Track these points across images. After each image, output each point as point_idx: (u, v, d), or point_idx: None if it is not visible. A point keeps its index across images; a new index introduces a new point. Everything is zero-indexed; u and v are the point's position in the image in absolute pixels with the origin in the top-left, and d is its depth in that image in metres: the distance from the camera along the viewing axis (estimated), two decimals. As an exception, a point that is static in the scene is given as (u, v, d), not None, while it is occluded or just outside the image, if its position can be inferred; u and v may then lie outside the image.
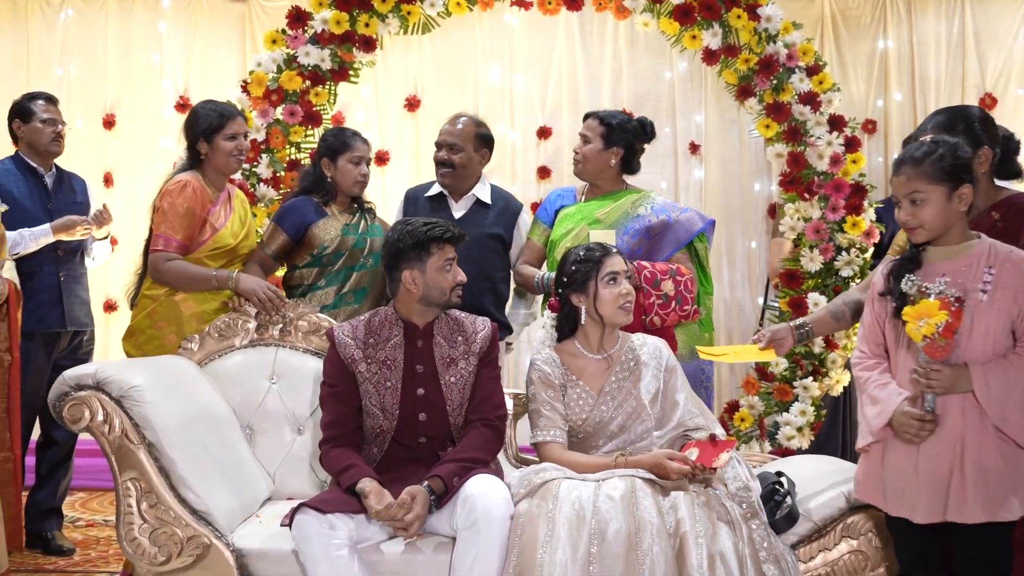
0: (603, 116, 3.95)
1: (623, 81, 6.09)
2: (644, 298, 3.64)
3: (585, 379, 3.19)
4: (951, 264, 2.68)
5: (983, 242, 2.70)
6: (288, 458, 3.45)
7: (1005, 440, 2.61)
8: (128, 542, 2.97)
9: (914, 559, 2.79)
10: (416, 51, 6.09)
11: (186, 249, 3.65)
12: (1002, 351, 2.63)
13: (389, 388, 3.10)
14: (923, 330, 2.55)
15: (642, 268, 3.68)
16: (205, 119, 3.72)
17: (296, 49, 4.61)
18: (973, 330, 2.62)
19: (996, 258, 2.65)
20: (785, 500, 2.96)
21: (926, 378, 2.62)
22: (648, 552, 2.68)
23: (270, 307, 3.58)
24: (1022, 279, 2.62)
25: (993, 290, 2.62)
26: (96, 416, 2.99)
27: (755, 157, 5.99)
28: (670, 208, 3.92)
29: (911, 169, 2.66)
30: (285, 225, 3.85)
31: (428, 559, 2.92)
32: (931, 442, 2.63)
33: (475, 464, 3.00)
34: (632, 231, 3.83)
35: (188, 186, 3.66)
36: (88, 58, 6.11)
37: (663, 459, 2.92)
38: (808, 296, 4.53)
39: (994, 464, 2.60)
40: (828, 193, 4.56)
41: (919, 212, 2.66)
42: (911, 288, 2.62)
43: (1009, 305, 2.61)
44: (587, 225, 3.83)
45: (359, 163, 3.90)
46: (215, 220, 3.71)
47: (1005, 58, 6.04)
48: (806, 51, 4.62)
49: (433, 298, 3.13)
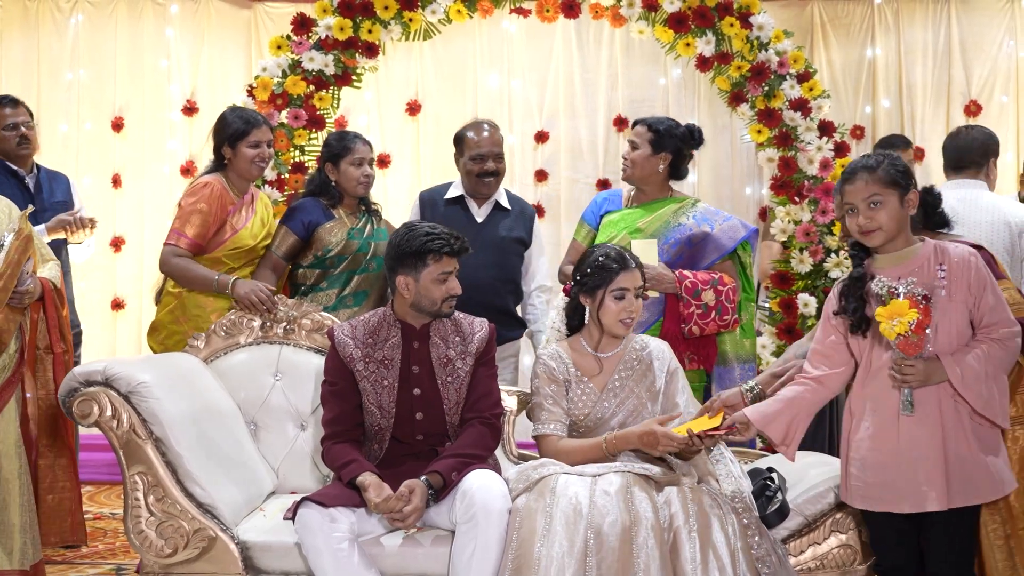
0: (651, 122, 3.90)
1: (619, 87, 6.17)
2: (684, 308, 3.69)
3: (589, 375, 3.23)
4: (901, 268, 2.79)
5: (927, 244, 2.83)
6: (291, 453, 3.49)
7: (980, 424, 2.74)
8: (135, 535, 3.00)
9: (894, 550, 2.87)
10: (417, 57, 6.14)
11: (198, 247, 3.73)
12: (965, 340, 2.76)
13: (386, 387, 3.13)
14: (897, 328, 2.64)
15: (684, 278, 3.72)
16: (231, 125, 3.80)
17: (301, 55, 4.67)
18: (940, 325, 2.74)
19: (944, 256, 2.78)
20: (776, 495, 2.99)
21: (901, 374, 2.72)
22: (643, 546, 2.73)
23: (262, 309, 3.62)
24: (970, 273, 2.75)
25: (949, 285, 2.75)
26: (105, 412, 3.02)
27: (747, 161, 6.08)
28: (712, 216, 3.89)
29: (868, 175, 2.79)
30: (294, 225, 3.89)
31: (427, 552, 2.96)
32: (912, 434, 2.73)
33: (473, 460, 3.03)
34: (673, 240, 3.82)
35: (208, 187, 3.75)
36: (98, 62, 6.16)
37: (654, 425, 2.98)
38: (798, 297, 4.61)
39: (970, 450, 2.73)
40: (818, 197, 4.64)
41: (877, 215, 2.77)
42: (882, 289, 2.71)
43: (965, 297, 2.75)
44: (628, 234, 3.82)
45: (361, 165, 3.94)
46: (235, 221, 3.79)
47: (990, 66, 6.17)
48: (797, 59, 4.70)
49: (423, 306, 3.14)
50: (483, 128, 4.13)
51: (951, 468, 2.71)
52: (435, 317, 3.18)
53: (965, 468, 2.72)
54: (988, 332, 2.75)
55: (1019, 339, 2.78)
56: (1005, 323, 2.76)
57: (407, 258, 3.11)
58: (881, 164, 2.80)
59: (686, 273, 3.75)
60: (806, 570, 2.99)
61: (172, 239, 3.73)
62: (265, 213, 3.95)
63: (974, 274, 2.76)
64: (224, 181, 3.82)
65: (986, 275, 2.77)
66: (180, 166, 6.17)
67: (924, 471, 2.71)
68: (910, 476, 2.73)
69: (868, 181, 2.78)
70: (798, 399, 2.92)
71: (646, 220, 3.86)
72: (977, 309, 2.76)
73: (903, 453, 2.74)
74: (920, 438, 2.72)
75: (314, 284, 3.92)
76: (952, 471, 2.71)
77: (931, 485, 2.70)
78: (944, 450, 2.71)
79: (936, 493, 2.70)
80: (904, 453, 2.74)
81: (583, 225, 4.06)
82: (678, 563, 2.75)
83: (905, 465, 2.73)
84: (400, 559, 2.97)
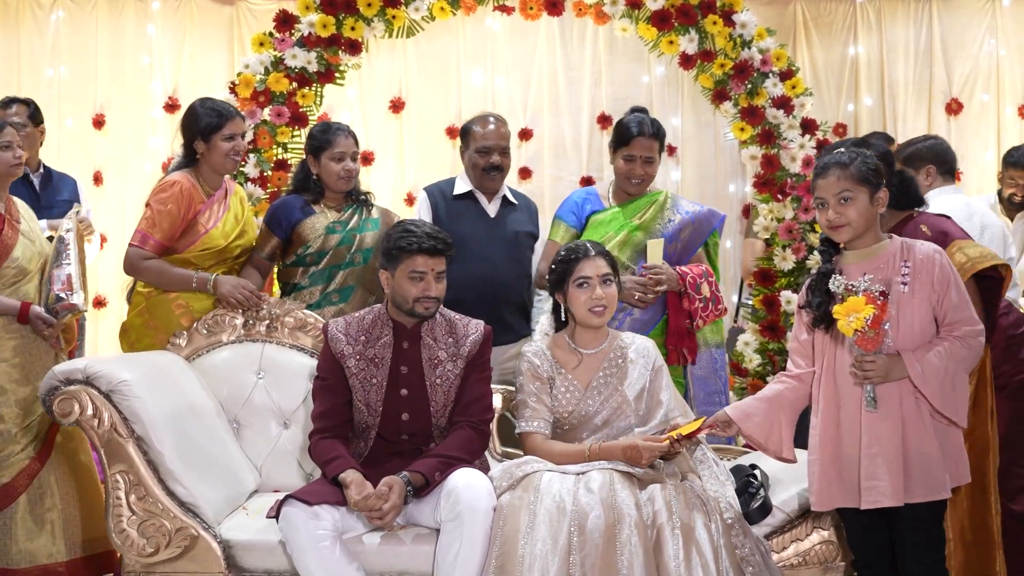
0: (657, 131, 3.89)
1: (602, 85, 6.15)
2: (689, 304, 3.74)
3: (573, 373, 3.24)
4: (868, 264, 2.82)
5: (895, 241, 2.86)
6: (274, 451, 3.50)
7: (939, 421, 2.76)
8: (117, 534, 3.00)
9: (865, 546, 2.90)
10: (401, 54, 6.12)
11: (164, 248, 3.61)
12: (928, 338, 2.78)
13: (374, 386, 3.13)
14: (853, 324, 2.67)
15: (684, 274, 3.76)
16: (204, 118, 3.66)
17: (283, 52, 4.65)
18: (900, 321, 2.77)
19: (909, 252, 2.81)
20: (759, 492, 3.02)
21: (861, 370, 2.75)
22: (626, 543, 2.74)
23: (247, 306, 3.60)
24: (934, 270, 2.78)
25: (912, 282, 2.77)
26: (86, 410, 3.02)
27: (730, 159, 6.09)
28: (689, 207, 3.97)
29: (840, 171, 2.82)
30: (273, 226, 3.83)
31: (411, 550, 2.97)
32: (876, 431, 2.75)
33: (457, 462, 3.03)
34: (667, 236, 3.86)
35: (176, 186, 3.61)
36: (79, 59, 6.10)
37: (637, 440, 2.99)
38: (781, 294, 4.63)
39: (930, 446, 2.75)
40: (800, 194, 4.65)
41: (847, 211, 2.80)
42: (839, 287, 2.75)
43: (928, 293, 2.77)
44: (629, 232, 3.84)
45: (342, 160, 3.82)
46: (205, 221, 3.67)
47: (971, 65, 6.21)
48: (779, 56, 4.72)
49: (399, 304, 3.14)
50: (489, 121, 4.10)
51: (911, 464, 2.73)
52: (413, 317, 3.16)
53: (925, 464, 2.74)
54: (951, 330, 2.78)
55: (982, 338, 2.81)
56: (968, 322, 2.78)
57: (387, 253, 3.13)
58: (854, 161, 2.82)
59: (685, 270, 3.79)
60: (789, 566, 3.02)
61: (137, 240, 3.61)
62: (240, 209, 3.84)
63: (938, 271, 2.78)
64: (194, 178, 3.69)
65: (950, 273, 2.80)
66: (162, 163, 6.09)
67: (881, 466, 2.73)
68: (869, 471, 2.75)
69: (840, 177, 2.81)
70: (778, 397, 2.95)
71: (640, 217, 3.88)
72: (940, 306, 2.78)
73: (863, 449, 2.76)
74: (881, 433, 2.75)
75: (297, 282, 3.86)
76: (912, 467, 2.73)
77: (887, 480, 2.72)
78: (904, 446, 2.74)
79: (892, 488, 2.71)
80: (864, 449, 2.76)
81: (560, 225, 3.97)
82: (661, 560, 2.76)
83: (866, 460, 2.75)
84: (383, 557, 2.98)
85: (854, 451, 2.78)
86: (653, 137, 3.86)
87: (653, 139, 3.86)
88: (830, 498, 2.84)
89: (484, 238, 4.02)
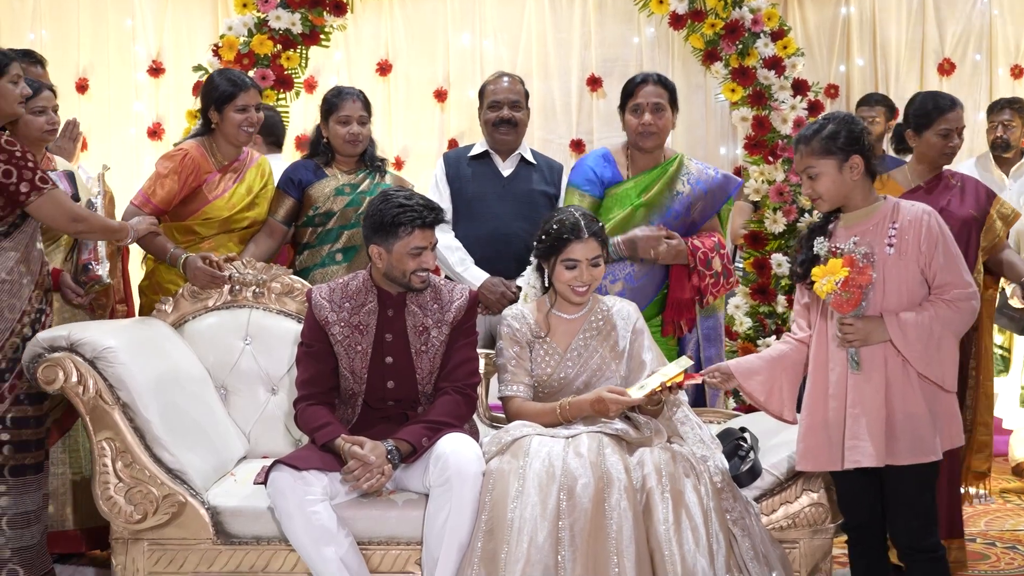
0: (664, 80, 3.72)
1: (592, 47, 6.12)
2: (700, 280, 3.63)
3: (554, 336, 3.23)
4: (859, 227, 2.81)
5: (888, 202, 2.84)
6: (263, 417, 3.49)
7: (928, 384, 2.75)
8: (104, 501, 2.99)
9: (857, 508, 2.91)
10: (387, 16, 6.08)
11: (161, 212, 3.64)
12: (918, 300, 2.76)
13: (359, 353, 3.11)
14: (825, 287, 2.68)
15: (696, 249, 3.63)
16: (218, 87, 3.65)
17: (267, 13, 4.61)
18: (887, 283, 2.75)
19: (898, 214, 2.79)
20: (748, 455, 3.02)
21: (843, 333, 2.74)
22: (615, 507, 2.74)
23: (213, 284, 3.55)
24: (921, 229, 2.75)
25: (898, 243, 2.75)
26: (70, 377, 3.00)
27: (721, 121, 6.06)
28: (704, 176, 3.73)
29: (803, 147, 2.81)
30: (286, 188, 3.89)
31: (400, 515, 2.97)
32: (860, 392, 2.75)
33: (443, 427, 3.02)
34: (674, 213, 3.69)
35: (183, 154, 3.64)
36: (60, 22, 6.05)
37: (603, 392, 2.99)
38: (772, 257, 4.62)
39: (918, 408, 2.74)
40: (791, 156, 4.63)
41: (815, 186, 2.80)
42: (822, 249, 2.75)
43: (916, 254, 2.75)
44: (633, 210, 3.67)
45: (347, 123, 3.86)
46: (209, 190, 3.69)
47: (964, 24, 6.16)
48: (771, 16, 4.68)
49: (394, 277, 3.09)
50: (502, 78, 4.12)
51: (896, 425, 2.72)
52: (406, 289, 3.13)
53: (912, 425, 2.72)
54: (940, 293, 2.75)
55: (975, 301, 2.77)
56: (958, 284, 2.75)
57: (380, 228, 3.06)
58: (818, 133, 2.80)
59: (697, 244, 3.65)
60: (778, 528, 3.02)
61: (138, 201, 3.65)
62: (257, 182, 3.83)
63: (925, 232, 2.75)
64: (207, 148, 3.71)
65: (938, 234, 2.76)
66: (147, 128, 6.09)
67: (864, 427, 2.73)
68: (852, 431, 2.74)
69: (803, 153, 2.82)
70: (781, 357, 2.95)
71: (649, 194, 3.69)
72: (928, 267, 2.76)
73: (847, 410, 2.76)
74: (865, 394, 2.74)
75: (307, 242, 3.92)
76: (898, 429, 2.72)
77: (868, 440, 2.72)
78: (888, 408, 2.73)
79: (875, 450, 2.71)
80: (848, 410, 2.76)
81: (575, 191, 3.75)
82: (651, 524, 2.77)
83: (850, 421, 2.75)
84: (373, 522, 2.99)
85: (840, 413, 2.78)
86: (659, 84, 3.68)
87: (659, 86, 3.67)
88: (815, 459, 2.84)
89: (493, 197, 4.04)
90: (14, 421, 3.16)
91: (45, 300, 3.31)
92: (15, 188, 3.10)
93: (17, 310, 3.18)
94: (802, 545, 3.03)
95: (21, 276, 3.19)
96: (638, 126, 3.66)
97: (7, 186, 3.09)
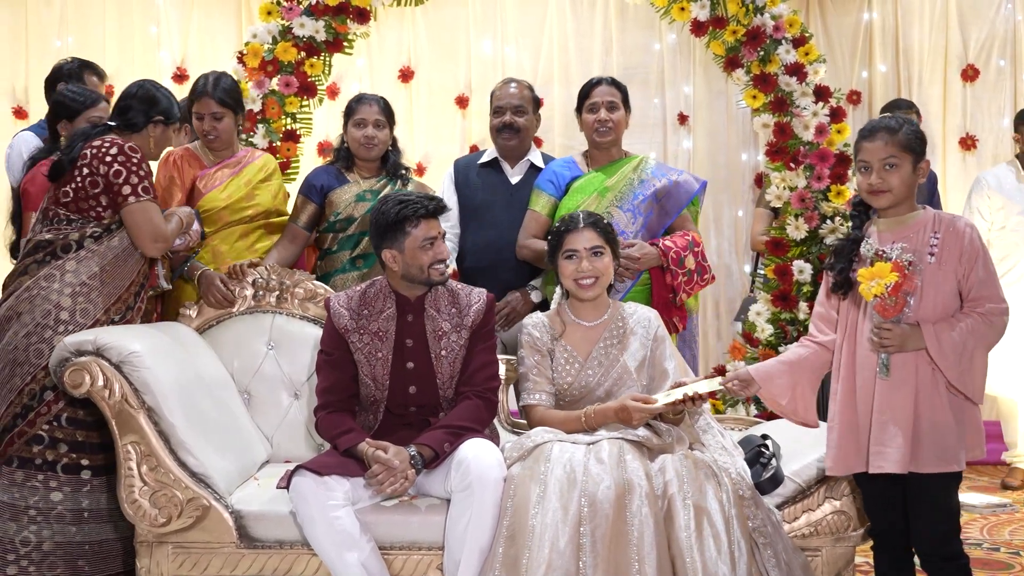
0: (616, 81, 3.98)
1: (613, 53, 6.12)
2: (672, 279, 3.70)
3: (574, 344, 3.23)
4: (898, 233, 2.80)
5: (927, 212, 2.84)
6: (285, 422, 3.51)
7: (955, 395, 2.74)
8: (129, 504, 3.00)
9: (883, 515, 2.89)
10: (410, 23, 6.11)
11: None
12: (951, 311, 2.76)
13: (380, 360, 3.12)
14: (874, 289, 2.67)
15: (668, 249, 3.72)
16: (192, 91, 3.86)
17: (291, 21, 4.61)
18: (925, 292, 2.74)
19: (940, 225, 2.79)
20: (770, 462, 3.01)
21: (879, 337, 2.74)
22: (637, 514, 2.74)
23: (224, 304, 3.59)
24: (963, 243, 2.76)
25: (940, 253, 2.75)
26: (96, 381, 3.01)
27: (742, 127, 6.05)
28: (667, 170, 3.96)
29: (888, 136, 2.79)
30: (308, 193, 3.93)
31: (422, 520, 2.97)
32: (888, 398, 2.74)
33: (464, 432, 3.02)
34: (642, 197, 3.84)
35: (170, 154, 3.81)
36: (86, 30, 6.09)
37: (627, 400, 3.00)
38: (793, 264, 4.60)
39: (945, 417, 2.73)
40: (813, 163, 4.60)
41: (890, 177, 2.78)
42: (869, 251, 2.75)
43: (955, 267, 2.75)
44: (599, 194, 3.83)
45: (363, 126, 3.90)
46: (203, 185, 3.79)
47: (988, 30, 6.09)
48: (792, 23, 4.65)
49: (413, 276, 3.10)
50: (509, 84, 4.16)
51: (922, 433, 2.72)
52: (427, 285, 3.14)
53: (938, 434, 2.72)
54: (974, 306, 2.75)
55: (1006, 317, 2.77)
56: (993, 299, 2.76)
57: (387, 231, 3.08)
58: (903, 127, 2.81)
59: (668, 243, 3.75)
60: (800, 536, 3.00)
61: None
62: (257, 176, 3.89)
63: (967, 244, 2.76)
64: (201, 148, 3.88)
65: (979, 248, 2.78)
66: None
67: (890, 433, 2.72)
68: (878, 437, 2.74)
69: (887, 142, 2.79)
70: (801, 361, 2.95)
71: (611, 180, 3.87)
72: (966, 280, 2.76)
73: (874, 415, 2.76)
74: (893, 401, 2.74)
75: (328, 247, 3.95)
76: (924, 437, 2.72)
77: (893, 447, 2.71)
78: (916, 415, 2.72)
79: (900, 456, 2.71)
80: (875, 415, 2.75)
81: (540, 194, 3.95)
82: (672, 531, 2.76)
83: (876, 427, 2.75)
84: (394, 527, 2.99)
85: (866, 418, 2.78)
86: (612, 85, 3.91)
87: (612, 86, 3.90)
88: (845, 464, 2.84)
89: (501, 205, 4.06)
90: (69, 421, 3.19)
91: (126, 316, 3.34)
92: (119, 188, 3.23)
93: (91, 316, 3.24)
94: (824, 553, 3.01)
95: (103, 285, 3.26)
96: (594, 122, 3.90)
97: (113, 184, 3.23)
